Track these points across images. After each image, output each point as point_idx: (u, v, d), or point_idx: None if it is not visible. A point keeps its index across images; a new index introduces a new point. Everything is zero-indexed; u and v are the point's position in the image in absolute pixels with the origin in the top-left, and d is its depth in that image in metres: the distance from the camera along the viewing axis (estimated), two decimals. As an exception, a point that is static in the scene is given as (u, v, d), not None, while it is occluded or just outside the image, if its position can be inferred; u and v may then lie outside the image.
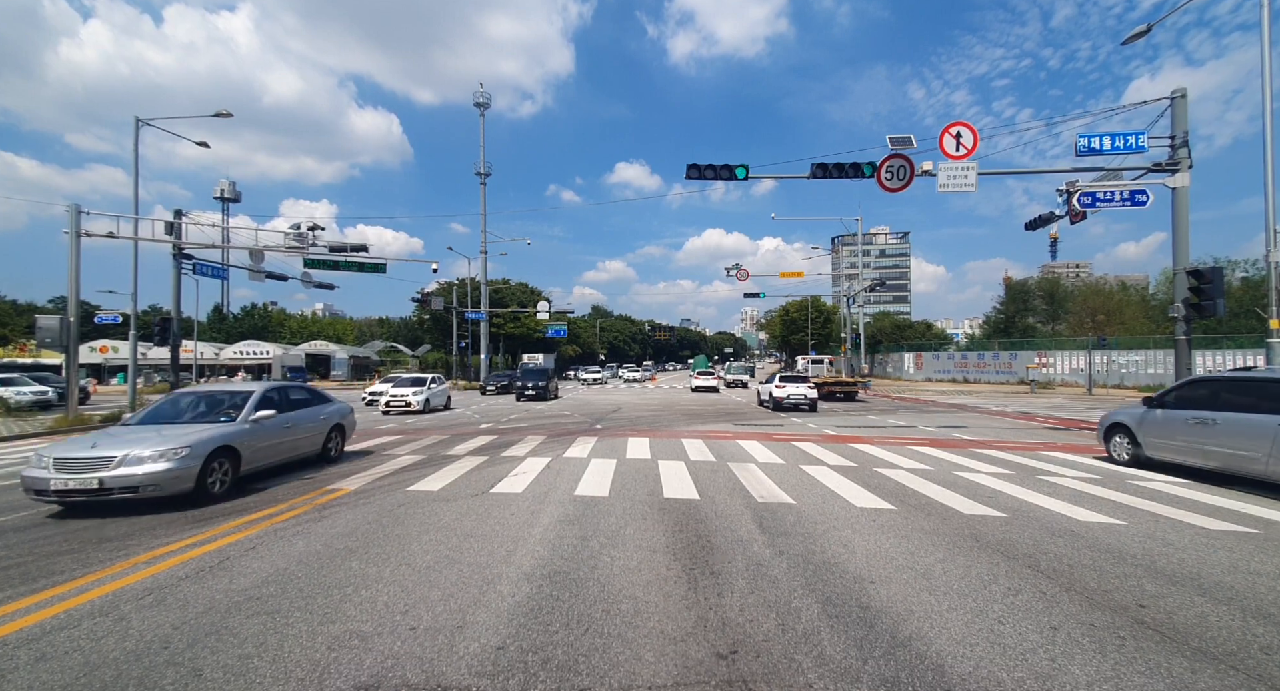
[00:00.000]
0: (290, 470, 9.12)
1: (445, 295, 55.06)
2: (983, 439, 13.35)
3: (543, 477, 8.37)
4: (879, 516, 6.26)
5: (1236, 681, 2.99)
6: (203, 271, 21.83)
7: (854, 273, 50.35)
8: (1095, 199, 13.82)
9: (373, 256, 23.32)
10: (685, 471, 8.82)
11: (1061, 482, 8.18)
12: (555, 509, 6.53)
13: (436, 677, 2.99)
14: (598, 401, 26.87)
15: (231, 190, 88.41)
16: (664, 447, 11.40)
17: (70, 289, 16.68)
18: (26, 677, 3.02)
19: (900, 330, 65.33)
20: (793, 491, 7.48)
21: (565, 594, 4.09)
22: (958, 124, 13.74)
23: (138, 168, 19.33)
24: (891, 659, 3.19)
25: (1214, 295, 12.08)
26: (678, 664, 3.14)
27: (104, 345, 50.98)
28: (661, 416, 18.70)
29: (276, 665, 3.12)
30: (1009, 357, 44.35)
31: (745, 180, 14.94)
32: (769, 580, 4.36)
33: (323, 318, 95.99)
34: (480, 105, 46.13)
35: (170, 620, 3.69)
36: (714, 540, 5.37)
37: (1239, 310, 34.29)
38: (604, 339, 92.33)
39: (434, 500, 7.00)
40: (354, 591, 4.14)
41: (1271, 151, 11.05)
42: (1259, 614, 3.82)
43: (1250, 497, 7.33)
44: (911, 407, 23.71)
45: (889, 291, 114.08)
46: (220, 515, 6.37)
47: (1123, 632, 3.53)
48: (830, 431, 14.58)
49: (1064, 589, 4.22)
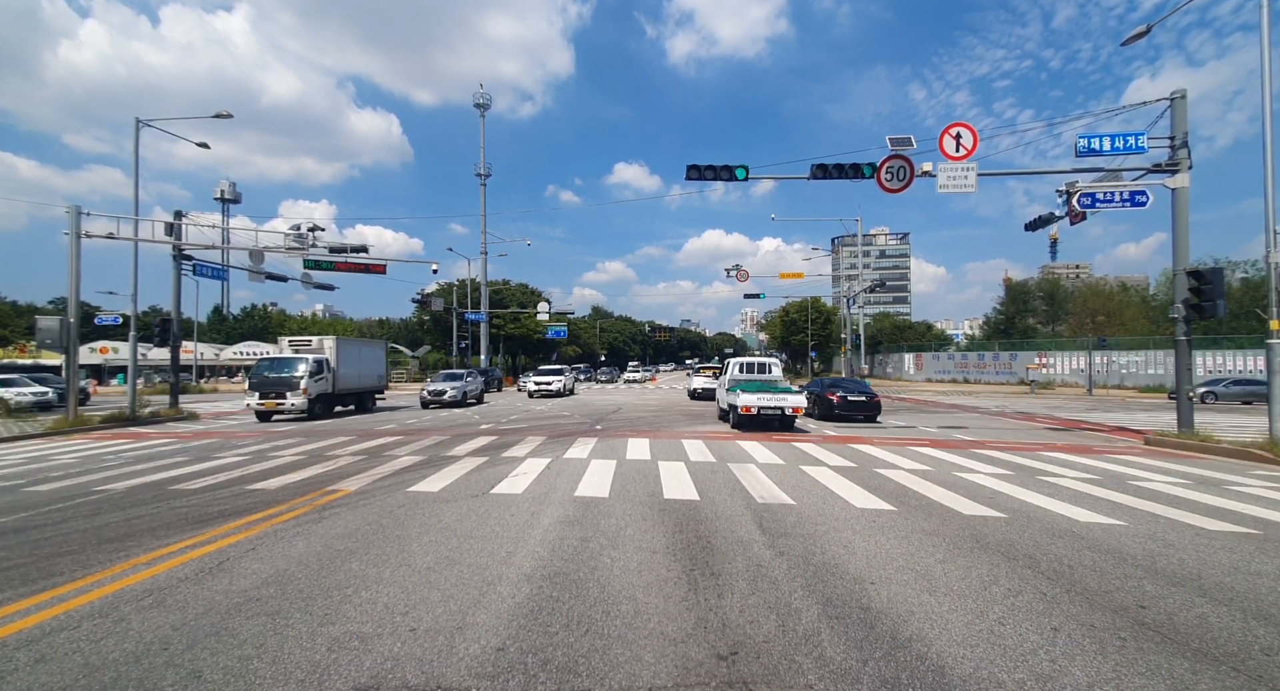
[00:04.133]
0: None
1: (445, 296, 55.04)
2: (983, 439, 13.35)
3: (543, 478, 8.36)
4: (879, 517, 6.26)
5: (1237, 682, 2.99)
6: (203, 272, 21.84)
7: (854, 273, 50.34)
8: (1095, 199, 13.81)
9: (373, 257, 23.31)
10: (685, 472, 8.82)
11: (1062, 483, 8.18)
12: (555, 510, 6.53)
13: (436, 679, 2.99)
14: (598, 402, 26.87)
15: (231, 191, 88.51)
16: (664, 448, 11.40)
17: (70, 290, 16.69)
18: (26, 679, 3.02)
19: (900, 331, 65.39)
20: (793, 492, 7.48)
21: (565, 595, 4.08)
22: (958, 124, 13.74)
23: (138, 168, 19.35)
24: (892, 660, 3.18)
25: (1214, 296, 12.07)
26: (678, 665, 3.14)
27: (104, 346, 50.96)
28: (662, 417, 18.70)
29: (276, 666, 3.12)
30: (1009, 358, 44.37)
31: (745, 181, 14.94)
32: (769, 581, 4.36)
33: (323, 318, 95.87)
34: (480, 106, 46.20)
35: (170, 621, 3.69)
36: (714, 541, 5.37)
37: (1239, 311, 34.29)
38: (604, 339, 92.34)
39: (434, 501, 7.00)
40: (354, 592, 4.14)
41: (1271, 151, 11.04)
42: (1260, 615, 3.81)
43: (1250, 498, 7.33)
44: (911, 408, 23.71)
45: (889, 292, 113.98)
46: (220, 515, 6.36)
47: (1123, 634, 3.53)
48: (830, 432, 14.57)
49: (1064, 590, 4.22)
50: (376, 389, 23.14)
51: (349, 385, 20.75)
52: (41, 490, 7.97)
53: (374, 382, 22.84)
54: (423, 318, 67.39)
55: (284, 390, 18.04)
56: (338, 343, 20.39)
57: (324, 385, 19.10)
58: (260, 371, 18.91)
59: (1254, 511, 6.63)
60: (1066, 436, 14.22)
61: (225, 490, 7.77)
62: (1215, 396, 26.96)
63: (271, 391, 18.10)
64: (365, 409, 22.07)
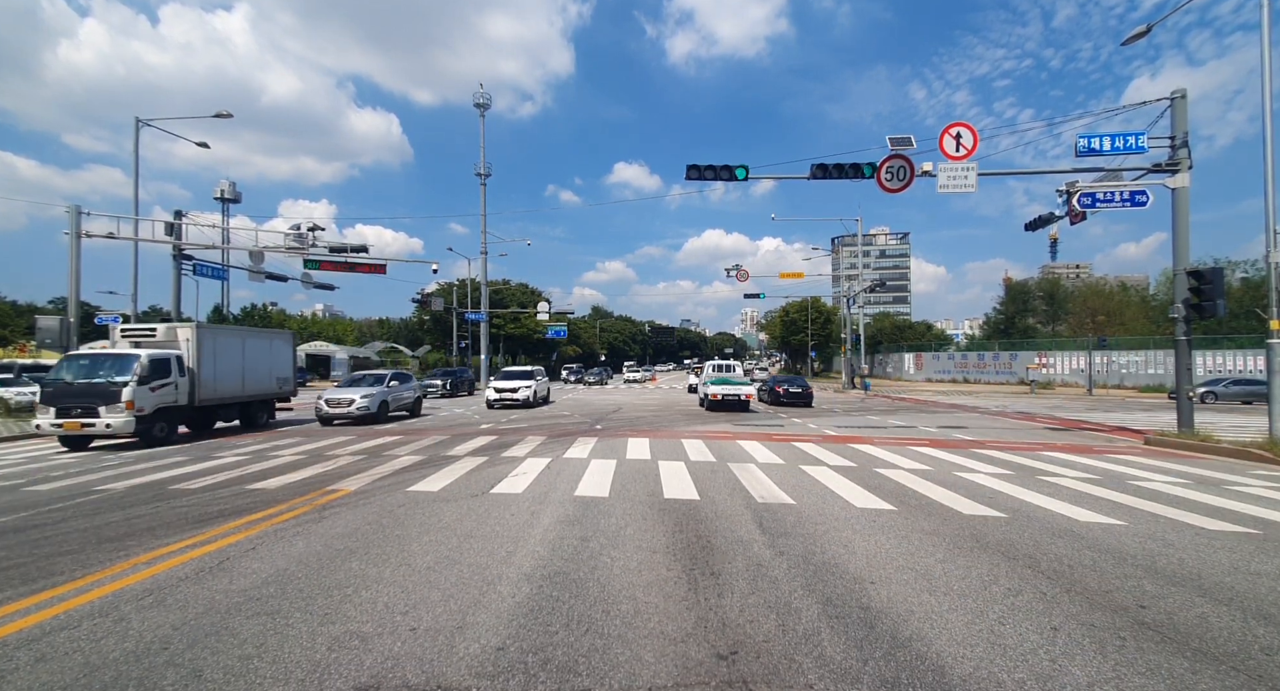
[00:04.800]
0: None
1: (445, 296, 55.06)
2: (983, 439, 13.35)
3: (543, 478, 8.36)
4: (879, 517, 6.26)
5: (1237, 682, 2.99)
6: (203, 272, 21.85)
7: (854, 273, 50.35)
8: (1095, 199, 13.81)
9: (372, 257, 23.35)
10: (685, 472, 8.82)
11: (1062, 483, 8.18)
12: (555, 509, 6.53)
13: (436, 678, 2.99)
14: (598, 402, 26.86)
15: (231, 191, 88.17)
16: (664, 448, 11.40)
17: (70, 289, 16.70)
18: (26, 678, 3.02)
19: (900, 330, 65.37)
20: (793, 492, 7.48)
21: (565, 594, 4.08)
22: (958, 124, 13.74)
23: (138, 168, 19.36)
24: (892, 659, 3.18)
25: (1214, 295, 12.07)
26: (678, 664, 3.14)
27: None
28: (662, 417, 18.70)
29: (276, 666, 3.12)
30: (1009, 358, 44.37)
31: (745, 181, 14.95)
32: (769, 581, 4.36)
33: (323, 318, 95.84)
34: (480, 106, 46.15)
35: (170, 621, 3.69)
36: (714, 541, 5.37)
37: (1239, 310, 34.32)
38: (604, 339, 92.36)
39: (434, 501, 7.00)
40: (354, 592, 4.14)
41: (1271, 151, 11.04)
42: (1260, 614, 3.81)
43: (1250, 498, 7.33)
44: (911, 408, 23.72)
45: (889, 292, 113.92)
46: (220, 515, 6.36)
47: (1123, 633, 3.53)
48: (830, 432, 14.58)
49: (1064, 589, 4.22)
50: (276, 396, 17.43)
51: (224, 392, 14.98)
52: (41, 490, 7.97)
53: (269, 388, 16.97)
54: (423, 317, 67.46)
55: (96, 404, 11.88)
56: (198, 333, 14.31)
57: (169, 395, 13.09)
58: (57, 375, 12.41)
59: (1254, 511, 6.64)
60: (1066, 436, 14.22)
61: (225, 490, 7.77)
62: (1215, 396, 26.97)
63: (75, 406, 11.86)
64: (255, 424, 16.36)
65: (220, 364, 14.80)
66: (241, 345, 15.78)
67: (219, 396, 14.80)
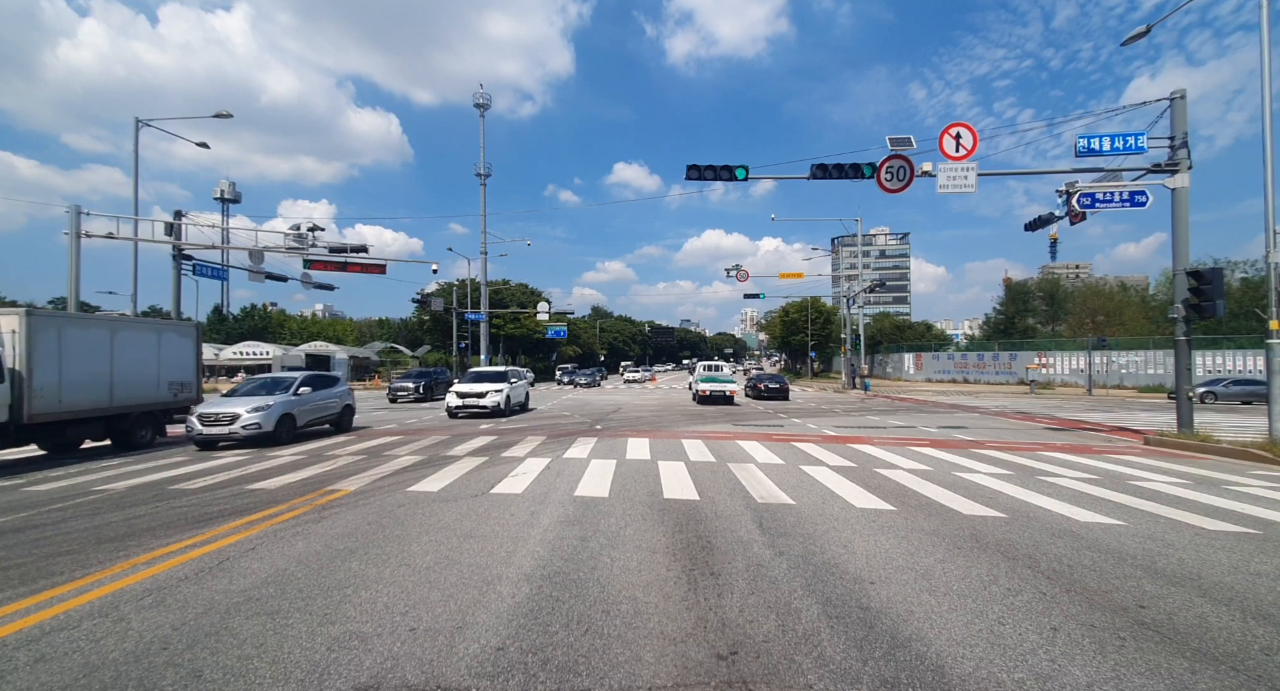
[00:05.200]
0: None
1: (445, 296, 55.04)
2: (982, 439, 13.35)
3: (543, 478, 8.36)
4: (879, 517, 6.26)
5: (1237, 682, 2.99)
6: (202, 272, 21.82)
7: (854, 273, 50.29)
8: (1095, 200, 13.81)
9: (372, 257, 23.33)
10: (685, 472, 8.82)
11: (1061, 483, 8.18)
12: (555, 509, 6.53)
13: (436, 678, 2.99)
14: (598, 402, 26.87)
15: (231, 191, 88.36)
16: (664, 448, 11.40)
17: (70, 289, 16.68)
18: (26, 678, 3.02)
19: (900, 331, 65.41)
20: (793, 492, 7.48)
21: (565, 595, 4.08)
22: (957, 124, 13.74)
23: (137, 168, 19.35)
24: (891, 659, 3.18)
25: (1214, 296, 12.07)
26: (678, 665, 3.14)
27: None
28: (662, 417, 18.70)
29: (276, 666, 3.12)
30: (1009, 358, 44.37)
31: (745, 181, 14.94)
32: (769, 581, 4.36)
33: (323, 318, 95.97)
34: (480, 106, 46.11)
35: (170, 621, 3.69)
36: (714, 541, 5.37)
37: (1239, 311, 34.30)
38: (604, 339, 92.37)
39: (434, 501, 7.00)
40: (354, 592, 4.13)
41: (1271, 151, 11.04)
42: (1259, 615, 3.82)
43: (1250, 498, 7.33)
44: (911, 408, 23.71)
45: (889, 292, 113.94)
46: (220, 515, 6.36)
47: (1123, 633, 3.53)
48: (830, 432, 14.58)
49: (1064, 589, 4.22)
50: (170, 407, 13.26)
51: (79, 403, 11.12)
52: (41, 490, 7.98)
53: (156, 396, 12.84)
54: (423, 317, 67.48)
55: None
56: (30, 323, 10.29)
57: None
58: None
59: (1253, 511, 6.64)
60: (1066, 436, 14.22)
61: (225, 490, 7.77)
62: (1215, 396, 26.97)
63: None
64: (132, 443, 12.23)
65: (72, 366, 10.97)
66: (109, 340, 11.84)
67: (69, 409, 10.91)
